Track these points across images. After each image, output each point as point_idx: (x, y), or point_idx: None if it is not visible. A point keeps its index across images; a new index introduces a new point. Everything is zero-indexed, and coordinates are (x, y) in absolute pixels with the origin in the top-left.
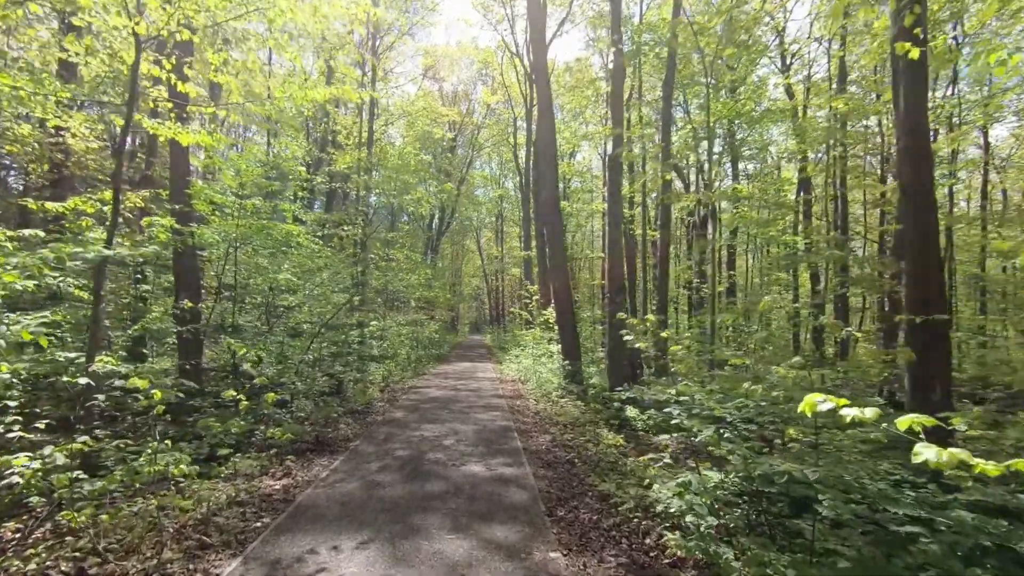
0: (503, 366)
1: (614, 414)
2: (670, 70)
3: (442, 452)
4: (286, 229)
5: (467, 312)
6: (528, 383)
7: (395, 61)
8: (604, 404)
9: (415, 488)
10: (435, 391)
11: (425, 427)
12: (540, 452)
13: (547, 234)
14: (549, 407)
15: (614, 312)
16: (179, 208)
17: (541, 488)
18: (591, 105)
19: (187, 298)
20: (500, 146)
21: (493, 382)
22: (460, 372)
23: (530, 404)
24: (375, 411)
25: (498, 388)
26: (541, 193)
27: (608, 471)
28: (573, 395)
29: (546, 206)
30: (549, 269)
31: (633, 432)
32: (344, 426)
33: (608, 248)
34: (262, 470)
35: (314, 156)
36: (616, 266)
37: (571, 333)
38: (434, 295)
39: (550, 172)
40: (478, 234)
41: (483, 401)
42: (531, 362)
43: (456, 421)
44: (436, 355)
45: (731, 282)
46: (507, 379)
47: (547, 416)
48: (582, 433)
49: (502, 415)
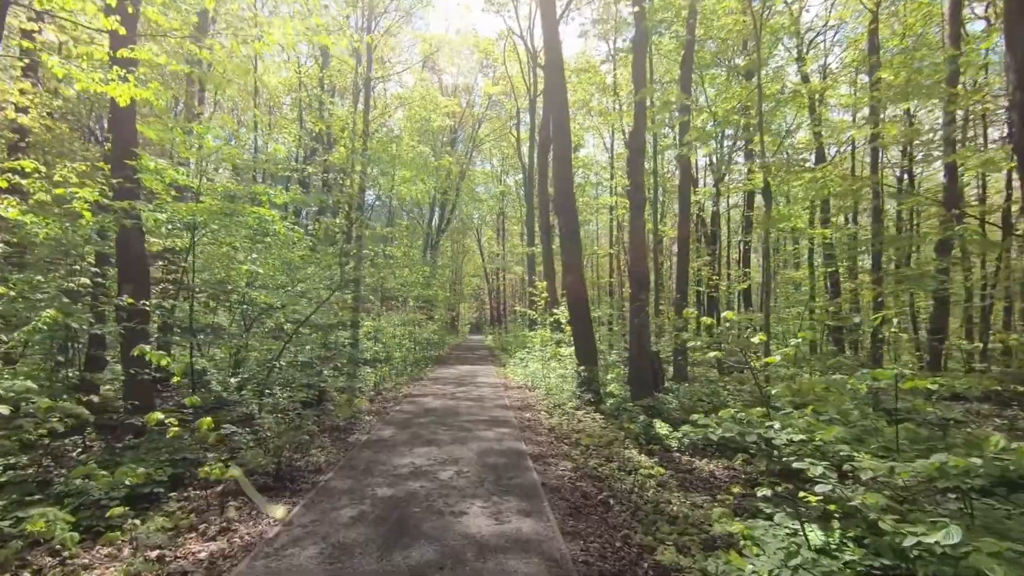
0: (507, 370)
1: (642, 430)
2: (688, 48)
3: (437, 491)
4: (258, 214)
5: (468, 312)
6: (536, 390)
7: (392, 50)
8: (628, 417)
9: (396, 560)
10: (432, 400)
11: (417, 451)
12: (563, 488)
13: (560, 225)
14: (564, 422)
15: (638, 311)
16: (119, 183)
17: (575, 556)
18: (597, 94)
19: (131, 293)
20: (501, 141)
21: (497, 389)
22: (460, 376)
23: (542, 417)
24: (360, 427)
25: (503, 396)
26: (554, 179)
27: (656, 518)
28: (590, 406)
29: (559, 193)
30: (563, 264)
31: (667, 453)
32: (317, 451)
33: (630, 238)
34: (191, 525)
35: (307, 146)
36: (639, 259)
37: (586, 335)
38: (432, 294)
39: (564, 150)
40: (479, 233)
41: (487, 413)
42: (539, 366)
43: (455, 442)
44: (435, 357)
45: (747, 280)
46: (512, 385)
47: (564, 434)
48: (608, 456)
49: (510, 432)
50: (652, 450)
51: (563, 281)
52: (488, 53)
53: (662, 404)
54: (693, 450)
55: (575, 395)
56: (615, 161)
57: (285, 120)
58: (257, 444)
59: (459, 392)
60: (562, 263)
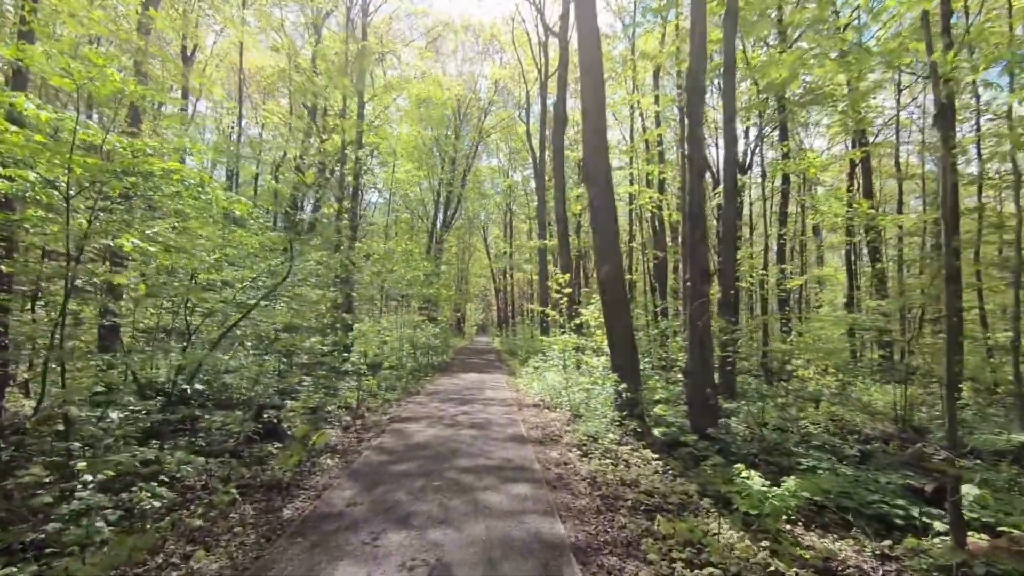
0: (519, 380)
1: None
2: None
3: None
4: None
5: (474, 313)
6: (558, 410)
7: (391, 35)
8: (690, 456)
9: None
10: (424, 429)
11: (381, 546)
12: None
13: (592, 199)
14: (608, 467)
15: (700, 312)
16: None
17: None
18: (615, 72)
19: None
20: (509, 137)
21: (508, 408)
22: (464, 390)
23: (574, 458)
24: (309, 484)
25: (517, 421)
26: (584, 136)
27: None
28: (635, 437)
29: (591, 151)
30: (595, 250)
31: (756, 518)
32: (210, 557)
33: (688, 209)
34: None
35: (298, 132)
36: (699, 241)
37: (626, 342)
38: (434, 292)
39: (596, 103)
40: (485, 231)
41: (497, 452)
42: (560, 378)
43: (446, 522)
44: (436, 364)
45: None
46: (527, 402)
47: (613, 493)
48: (688, 538)
49: (534, 494)
50: (748, 518)
51: (597, 273)
52: (495, 36)
53: (732, 436)
54: (803, 515)
55: (615, 421)
56: (634, 144)
57: (276, 106)
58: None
59: (460, 415)
60: (594, 249)
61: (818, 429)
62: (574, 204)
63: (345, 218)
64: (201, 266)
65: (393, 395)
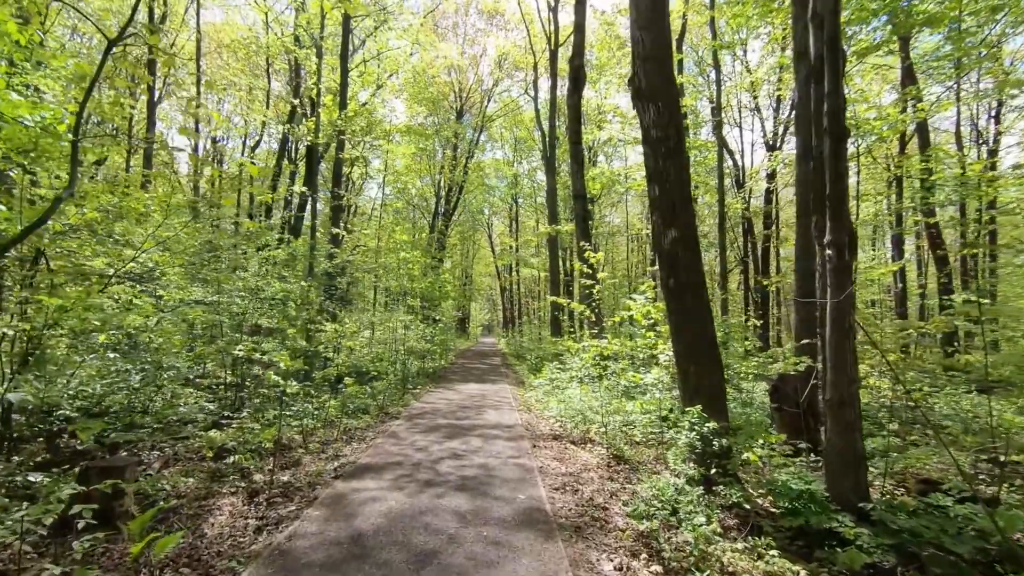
0: (528, 393)
1: None
2: None
3: None
4: None
5: (479, 313)
6: (592, 446)
7: None
8: (849, 565)
9: None
10: (382, 495)
11: None
12: None
13: (648, 127)
14: None
15: (844, 307)
16: None
17: None
18: None
19: None
20: (514, 122)
21: (518, 443)
22: (459, 409)
23: (638, 568)
24: None
25: (533, 472)
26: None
27: None
28: (733, 514)
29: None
30: (653, 206)
31: None
32: None
33: (830, 174)
34: None
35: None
36: (841, 209)
37: (703, 351)
38: (428, 286)
39: None
40: (489, 228)
41: (507, 565)
42: (590, 399)
43: None
44: (430, 371)
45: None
46: (542, 429)
47: None
48: None
49: None
50: None
51: (655, 242)
52: (498, 10)
53: (893, 511)
54: None
55: (691, 481)
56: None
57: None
58: None
59: (448, 457)
60: (651, 205)
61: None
62: (592, 185)
63: (322, 200)
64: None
65: (362, 421)
